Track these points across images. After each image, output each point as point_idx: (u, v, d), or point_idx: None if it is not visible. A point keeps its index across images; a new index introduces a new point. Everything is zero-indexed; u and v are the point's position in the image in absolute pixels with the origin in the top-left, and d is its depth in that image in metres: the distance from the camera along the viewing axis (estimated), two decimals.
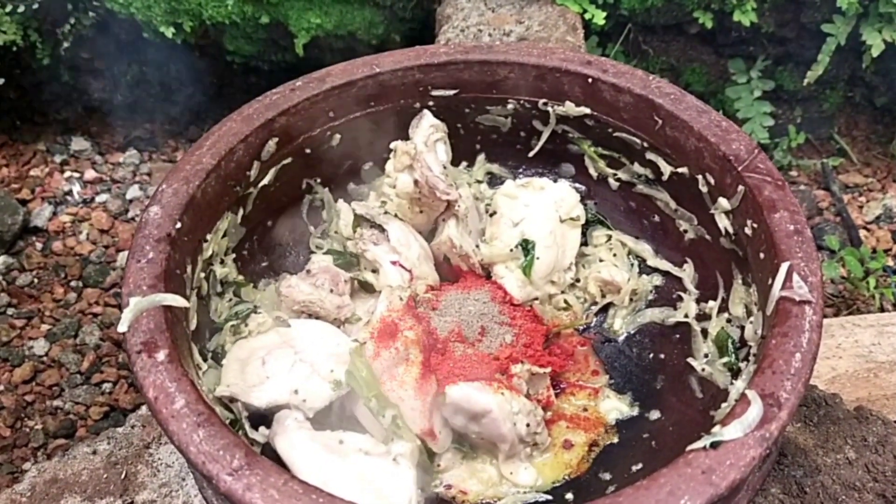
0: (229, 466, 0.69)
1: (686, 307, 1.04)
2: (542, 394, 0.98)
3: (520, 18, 1.58)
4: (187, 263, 0.91)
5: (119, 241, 1.97)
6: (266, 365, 0.93)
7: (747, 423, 0.70)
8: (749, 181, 0.91)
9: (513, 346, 0.99)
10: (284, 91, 1.06)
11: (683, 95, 1.02)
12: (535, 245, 1.06)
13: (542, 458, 0.95)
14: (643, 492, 0.66)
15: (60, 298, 1.85)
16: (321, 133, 1.08)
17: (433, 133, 1.09)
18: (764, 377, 0.73)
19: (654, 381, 1.02)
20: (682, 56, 2.05)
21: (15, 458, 1.57)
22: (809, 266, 0.82)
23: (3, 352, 1.73)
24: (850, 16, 1.79)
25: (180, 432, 0.72)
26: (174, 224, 0.89)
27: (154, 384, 0.75)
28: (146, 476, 0.99)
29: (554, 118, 1.11)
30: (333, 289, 1.02)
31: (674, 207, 1.07)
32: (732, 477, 0.67)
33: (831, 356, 1.35)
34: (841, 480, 0.91)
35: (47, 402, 1.66)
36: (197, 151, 0.97)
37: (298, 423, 0.88)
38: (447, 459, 0.95)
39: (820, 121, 2.16)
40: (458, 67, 1.10)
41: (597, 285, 1.10)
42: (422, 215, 1.08)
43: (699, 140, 0.97)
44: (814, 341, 0.76)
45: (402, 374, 0.92)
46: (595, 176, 1.15)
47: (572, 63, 1.07)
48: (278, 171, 1.05)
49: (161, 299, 0.82)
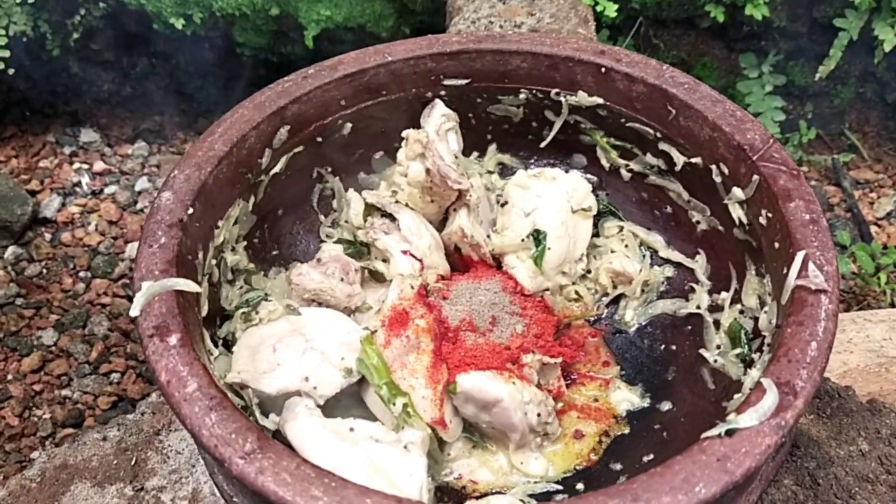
0: (241, 450, 0.69)
1: (698, 298, 1.03)
2: (552, 384, 0.97)
3: (531, 10, 1.58)
4: (199, 250, 0.91)
5: (127, 233, 1.98)
6: (277, 352, 0.92)
7: (763, 410, 0.69)
8: (764, 171, 0.90)
9: (524, 336, 0.98)
10: (296, 79, 1.05)
11: (697, 85, 1.01)
12: (547, 235, 1.06)
13: (553, 448, 0.95)
14: (657, 478, 0.66)
15: (69, 289, 1.85)
16: (332, 121, 1.08)
17: (445, 122, 1.09)
18: (779, 365, 0.73)
19: (665, 372, 1.02)
20: (693, 50, 2.04)
21: (23, 447, 1.57)
22: (825, 255, 0.81)
23: (12, 341, 1.73)
24: (862, 11, 1.78)
25: (192, 416, 0.72)
26: (186, 210, 0.89)
27: (166, 368, 0.75)
28: (156, 462, 0.99)
29: (566, 108, 1.11)
30: (344, 277, 1.02)
31: (686, 198, 1.06)
32: (748, 464, 0.66)
33: (843, 351, 1.34)
34: (854, 472, 0.91)
35: (56, 391, 1.66)
36: (209, 138, 0.97)
37: (309, 410, 0.88)
38: (457, 448, 0.95)
39: (831, 116, 2.15)
40: (471, 56, 1.10)
41: (608, 276, 1.09)
42: (433, 205, 1.08)
43: (713, 130, 0.97)
44: (829, 330, 0.76)
45: (413, 363, 0.92)
46: (607, 166, 1.14)
47: (585, 52, 1.07)
48: (290, 160, 1.05)
49: (173, 284, 0.82)
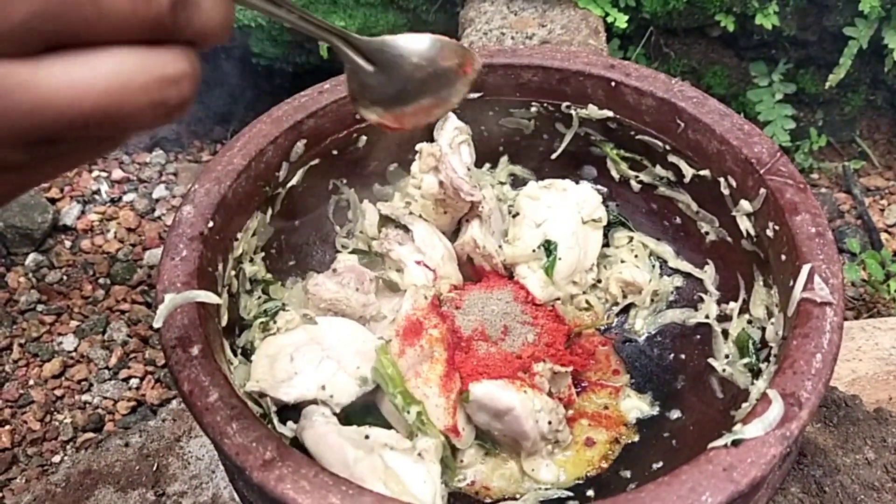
0: (262, 458, 0.71)
1: (707, 308, 1.05)
2: (563, 392, 0.99)
3: (542, 22, 1.60)
4: (219, 261, 0.93)
5: (146, 240, 2.01)
6: (294, 361, 0.95)
7: (768, 421, 0.71)
8: (771, 184, 0.92)
9: (535, 345, 1.00)
10: (313, 94, 1.08)
11: (706, 99, 1.03)
12: (558, 246, 1.08)
13: (564, 456, 0.97)
14: (665, 488, 0.68)
15: (89, 295, 1.89)
16: (348, 135, 1.10)
17: (458, 135, 1.11)
18: (785, 377, 0.75)
19: (674, 381, 1.03)
20: (703, 59, 2.05)
21: (45, 450, 1.60)
22: (831, 268, 0.83)
23: (33, 347, 1.77)
24: (872, 19, 1.79)
25: (214, 425, 0.74)
26: (206, 223, 0.91)
27: (189, 378, 0.77)
28: (177, 468, 1.02)
29: (577, 121, 1.13)
30: (359, 287, 1.04)
31: (695, 209, 1.08)
32: (753, 474, 0.68)
33: (851, 359, 1.35)
34: (860, 480, 0.92)
35: (76, 396, 1.70)
36: (228, 152, 0.99)
37: (326, 417, 0.90)
38: (470, 456, 0.97)
39: (841, 124, 2.16)
40: (483, 71, 1.12)
41: (618, 286, 1.11)
42: (446, 216, 1.10)
43: (721, 143, 0.98)
44: (834, 342, 0.77)
45: (427, 372, 0.94)
46: (617, 178, 1.16)
47: (595, 67, 1.09)
48: (306, 172, 1.08)
49: (194, 296, 0.84)
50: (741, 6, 1.84)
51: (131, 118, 0.40)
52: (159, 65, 0.40)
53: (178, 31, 0.41)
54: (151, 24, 0.39)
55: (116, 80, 0.38)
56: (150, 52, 0.40)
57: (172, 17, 0.40)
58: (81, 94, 0.38)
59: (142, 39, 0.39)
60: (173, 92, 0.40)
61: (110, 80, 0.38)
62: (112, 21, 0.38)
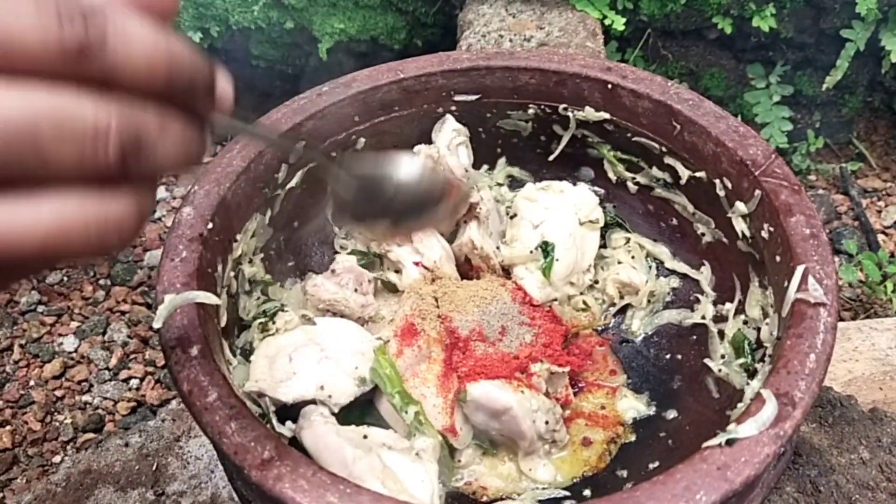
0: (260, 457, 0.72)
1: (703, 309, 1.06)
2: (560, 392, 1.00)
3: (540, 24, 1.61)
4: (218, 263, 0.94)
5: (146, 241, 2.02)
6: (293, 361, 0.95)
7: (762, 421, 0.71)
8: (766, 185, 0.93)
9: (532, 345, 1.01)
10: (311, 96, 1.09)
11: (701, 101, 1.03)
12: (555, 247, 1.08)
13: (561, 455, 0.97)
14: (660, 486, 0.68)
15: (89, 296, 1.89)
16: (346, 137, 1.11)
17: (456, 137, 1.12)
18: (779, 377, 0.75)
19: (671, 381, 1.04)
20: (701, 61, 2.06)
21: (45, 451, 1.61)
22: (825, 269, 0.84)
23: (33, 348, 1.77)
24: (869, 21, 1.80)
25: (213, 424, 0.74)
26: (206, 224, 0.92)
27: (188, 378, 0.78)
28: (176, 468, 1.02)
29: (574, 123, 1.14)
30: (357, 288, 1.05)
31: (691, 211, 1.08)
32: (747, 473, 0.68)
33: (848, 359, 1.36)
34: (855, 480, 0.93)
35: (76, 397, 1.70)
36: (227, 154, 1.00)
37: (324, 417, 0.91)
38: (467, 455, 0.97)
39: (839, 125, 2.16)
40: (481, 73, 1.13)
41: (615, 287, 1.12)
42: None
43: (717, 145, 0.99)
44: (828, 342, 0.78)
45: (425, 372, 0.94)
46: (614, 179, 1.17)
47: (592, 69, 1.09)
48: (305, 174, 1.08)
49: (194, 297, 0.85)
50: (738, 8, 1.85)
51: (68, 256, 0.40)
52: (102, 210, 0.40)
53: (128, 177, 0.41)
54: (100, 173, 0.39)
55: (57, 225, 0.39)
56: (95, 197, 0.40)
57: (121, 167, 0.40)
58: (22, 236, 0.38)
59: (91, 181, 0.40)
60: (113, 236, 0.41)
61: (50, 226, 0.39)
62: (56, 171, 0.38)
